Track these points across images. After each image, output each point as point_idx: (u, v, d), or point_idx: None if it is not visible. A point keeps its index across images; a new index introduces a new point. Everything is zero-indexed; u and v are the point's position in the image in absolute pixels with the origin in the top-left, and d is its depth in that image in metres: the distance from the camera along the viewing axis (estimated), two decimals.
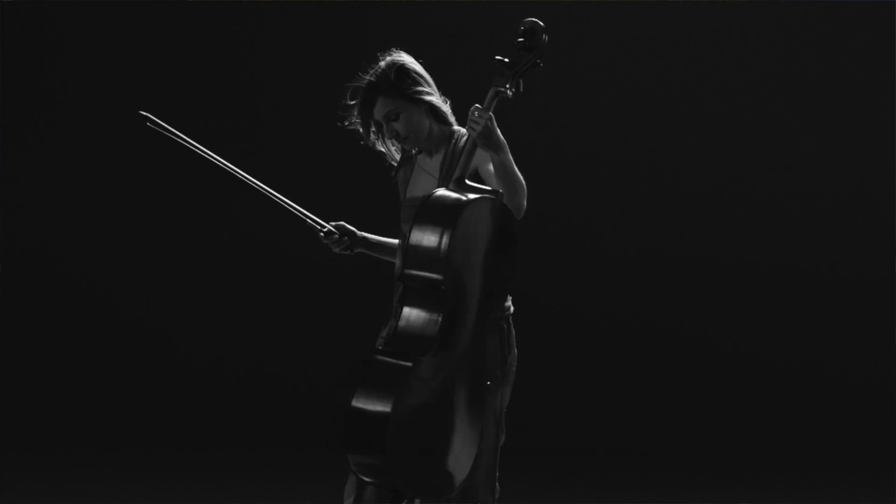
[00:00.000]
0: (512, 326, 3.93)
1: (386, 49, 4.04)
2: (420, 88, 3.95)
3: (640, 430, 8.24)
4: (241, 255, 8.54)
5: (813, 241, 8.41)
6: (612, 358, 8.40)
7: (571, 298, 8.45)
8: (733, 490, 7.29)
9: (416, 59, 4.06)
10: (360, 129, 4.03)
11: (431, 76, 4.03)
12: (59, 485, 7.15)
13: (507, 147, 3.75)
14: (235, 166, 4.21)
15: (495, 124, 3.72)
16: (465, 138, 3.89)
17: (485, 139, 3.71)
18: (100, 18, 8.57)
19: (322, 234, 4.17)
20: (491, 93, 3.76)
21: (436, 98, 3.98)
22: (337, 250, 4.20)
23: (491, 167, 3.82)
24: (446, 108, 4.01)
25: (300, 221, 4.18)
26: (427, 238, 3.61)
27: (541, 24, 3.87)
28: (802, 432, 8.16)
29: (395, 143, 4.04)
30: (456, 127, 4.00)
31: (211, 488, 7.15)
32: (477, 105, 3.73)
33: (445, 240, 3.59)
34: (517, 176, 3.78)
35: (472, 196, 3.67)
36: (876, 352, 8.27)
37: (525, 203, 3.79)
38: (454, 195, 3.67)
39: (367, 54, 4.09)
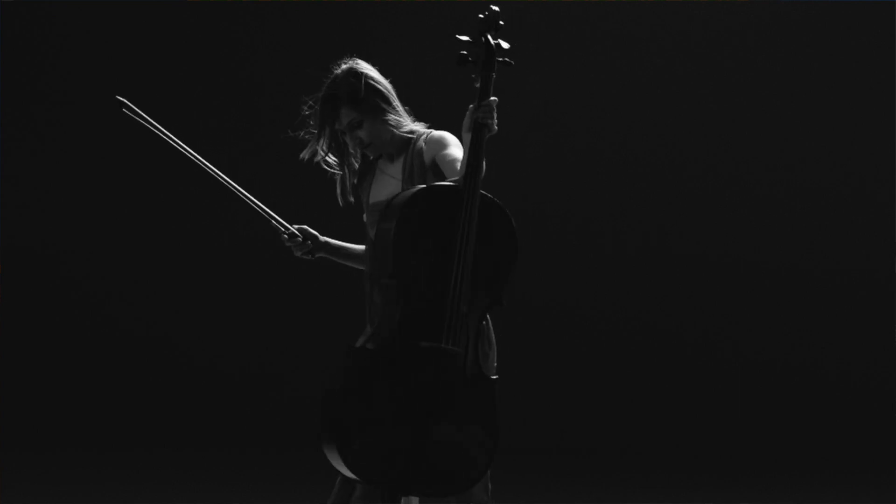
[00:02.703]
0: (490, 323, 3.93)
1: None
2: (381, 97, 3.97)
3: (640, 430, 8.24)
4: (241, 255, 8.55)
5: (813, 241, 8.41)
6: (612, 358, 8.41)
7: (571, 298, 8.45)
8: (733, 490, 7.29)
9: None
10: (317, 139, 4.03)
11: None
12: (59, 485, 7.15)
13: None
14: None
15: None
16: (428, 142, 3.93)
17: (493, 131, 3.76)
18: (100, 19, 8.58)
19: (285, 236, 4.19)
20: (491, 83, 3.80)
21: (396, 104, 4.00)
22: (298, 254, 4.22)
23: (442, 156, 3.86)
24: (405, 111, 4.03)
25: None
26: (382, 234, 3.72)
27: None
28: (802, 432, 8.16)
29: (357, 150, 4.05)
30: (413, 127, 4.01)
31: (211, 488, 7.15)
32: (493, 98, 3.75)
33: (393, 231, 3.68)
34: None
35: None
36: (876, 352, 8.27)
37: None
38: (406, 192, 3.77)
39: (367, 54, 4.09)
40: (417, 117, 4.15)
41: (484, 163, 3.76)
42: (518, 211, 3.87)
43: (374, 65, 4.06)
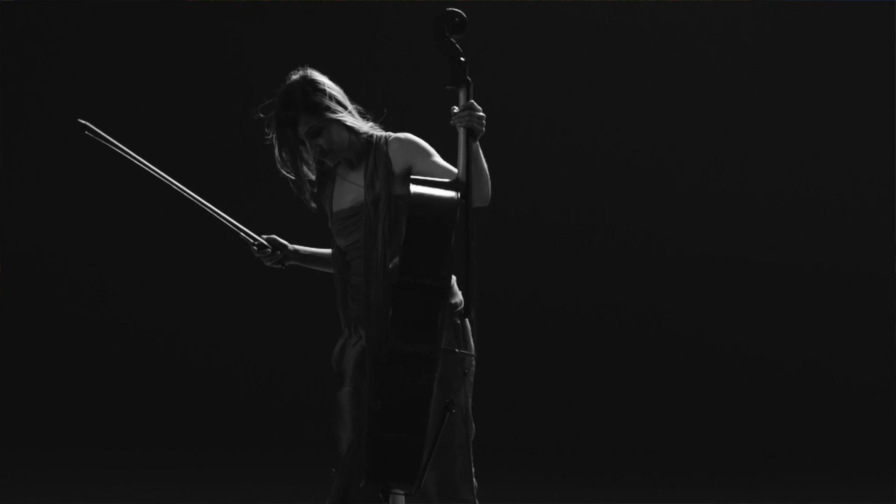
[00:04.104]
0: (467, 322, 3.92)
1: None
2: (337, 103, 3.96)
3: (642, 430, 8.24)
4: (243, 255, 8.53)
5: (813, 241, 8.41)
6: (613, 358, 8.40)
7: (572, 299, 8.45)
8: (733, 490, 7.29)
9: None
10: (280, 150, 4.03)
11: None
12: (59, 485, 7.15)
13: None
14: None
15: None
16: (394, 145, 3.90)
17: (480, 132, 3.73)
18: (100, 19, 8.58)
19: (255, 247, 4.20)
20: (470, 90, 3.78)
21: (351, 109, 3.99)
22: (269, 264, 4.23)
23: (431, 162, 3.84)
24: (360, 117, 4.01)
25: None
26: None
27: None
28: (802, 432, 8.16)
29: (314, 159, 4.03)
30: (371, 131, 3.99)
31: (211, 488, 7.15)
32: (471, 102, 3.73)
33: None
34: (485, 165, 3.79)
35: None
36: (876, 352, 8.27)
37: (490, 191, 3.80)
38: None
39: (367, 54, 4.09)
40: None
41: (483, 164, 3.76)
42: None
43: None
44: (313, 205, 4.11)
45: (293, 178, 4.05)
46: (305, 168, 4.04)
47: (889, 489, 7.15)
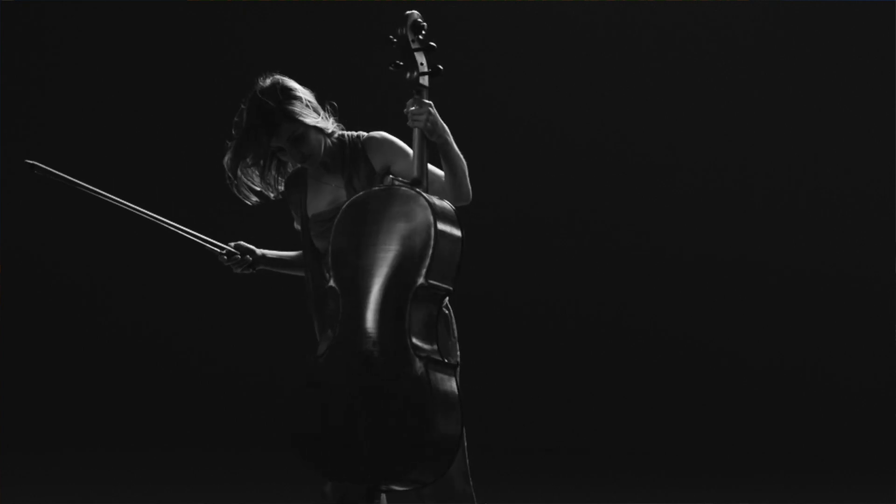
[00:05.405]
0: (452, 316, 3.91)
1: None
2: (312, 107, 3.96)
3: (641, 430, 8.24)
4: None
5: (813, 241, 8.41)
6: (613, 358, 8.41)
7: (572, 299, 8.45)
8: (733, 490, 7.29)
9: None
10: (262, 162, 4.03)
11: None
12: (59, 485, 7.15)
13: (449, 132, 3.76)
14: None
15: (436, 112, 3.72)
16: (371, 145, 3.90)
17: (431, 130, 3.71)
18: (100, 18, 8.58)
19: (224, 256, 4.21)
20: (423, 94, 3.77)
21: (322, 112, 3.98)
22: (238, 271, 4.23)
23: (409, 163, 3.83)
24: (331, 119, 4.00)
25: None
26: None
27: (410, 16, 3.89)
28: (802, 432, 8.16)
29: (287, 165, 4.02)
30: (339, 131, 3.99)
31: (211, 488, 7.16)
32: (417, 98, 3.73)
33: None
34: (463, 161, 3.77)
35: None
36: (876, 352, 8.27)
37: (470, 187, 3.79)
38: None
39: (367, 54, 4.09)
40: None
41: (454, 159, 3.74)
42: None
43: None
44: (254, 198, 4.11)
45: (247, 182, 4.05)
46: (270, 173, 4.04)
47: (889, 489, 7.15)
